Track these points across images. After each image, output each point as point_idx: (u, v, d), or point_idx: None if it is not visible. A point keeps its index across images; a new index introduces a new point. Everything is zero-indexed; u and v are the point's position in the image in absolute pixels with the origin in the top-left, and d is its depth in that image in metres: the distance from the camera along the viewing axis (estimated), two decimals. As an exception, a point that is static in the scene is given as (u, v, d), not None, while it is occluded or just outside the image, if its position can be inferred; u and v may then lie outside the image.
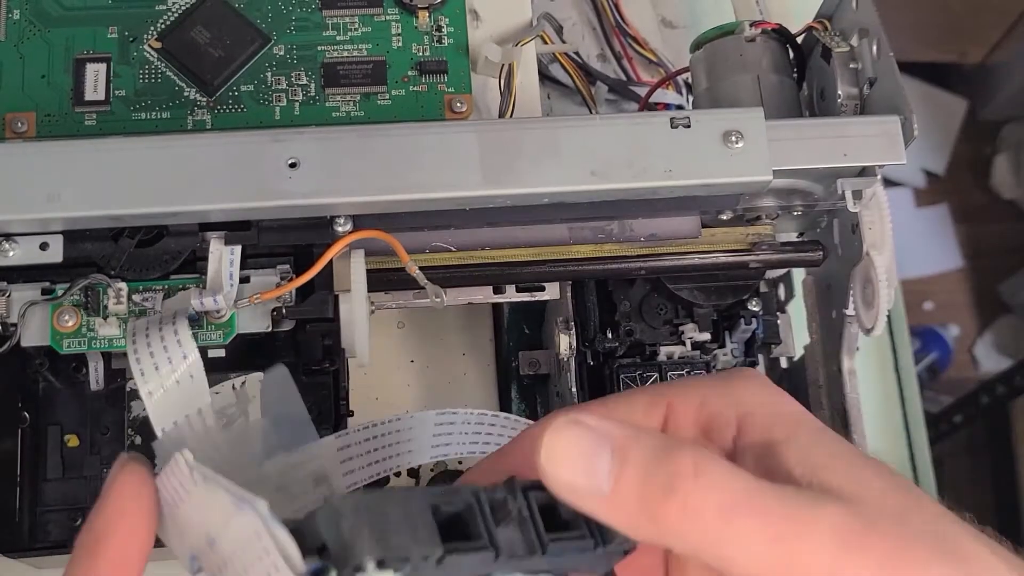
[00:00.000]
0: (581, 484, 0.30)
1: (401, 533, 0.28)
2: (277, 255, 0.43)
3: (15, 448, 0.48)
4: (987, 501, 1.42)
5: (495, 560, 0.30)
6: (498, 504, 0.31)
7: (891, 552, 0.29)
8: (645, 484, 0.29)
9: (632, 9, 0.66)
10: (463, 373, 0.58)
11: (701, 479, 0.29)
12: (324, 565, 0.28)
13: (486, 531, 0.30)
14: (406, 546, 0.28)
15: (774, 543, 0.28)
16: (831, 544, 0.28)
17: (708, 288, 0.51)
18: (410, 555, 0.28)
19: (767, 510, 0.29)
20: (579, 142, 0.42)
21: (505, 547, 0.31)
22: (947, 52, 1.68)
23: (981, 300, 1.70)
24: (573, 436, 0.30)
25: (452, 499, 0.31)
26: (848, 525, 0.29)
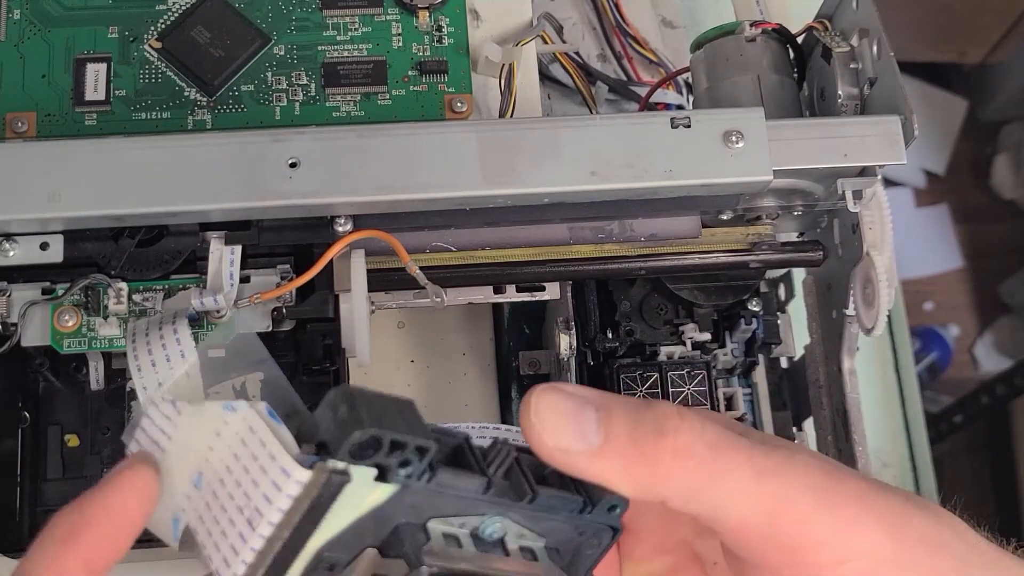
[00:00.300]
0: (570, 442, 0.30)
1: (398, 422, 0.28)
2: (277, 255, 0.43)
3: (15, 448, 0.48)
4: (987, 501, 1.42)
5: (486, 491, 0.31)
6: (487, 451, 0.31)
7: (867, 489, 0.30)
8: (635, 430, 0.30)
9: (632, 9, 0.65)
10: (463, 373, 0.58)
11: (686, 421, 0.30)
12: (321, 457, 0.28)
13: (478, 465, 0.31)
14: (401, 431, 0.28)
15: (758, 479, 0.30)
16: (810, 480, 0.30)
17: (708, 288, 0.51)
18: (407, 441, 0.28)
19: (750, 447, 0.30)
20: (579, 142, 0.42)
21: (496, 486, 0.31)
22: (947, 52, 1.68)
23: (981, 300, 1.70)
24: (556, 398, 0.31)
25: (444, 439, 0.31)
26: (824, 466, 0.30)
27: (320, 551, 0.29)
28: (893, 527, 0.30)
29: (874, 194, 0.44)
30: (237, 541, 0.28)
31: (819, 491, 0.30)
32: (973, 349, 1.68)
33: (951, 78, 1.77)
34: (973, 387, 1.46)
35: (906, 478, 0.72)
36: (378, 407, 0.28)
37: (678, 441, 0.30)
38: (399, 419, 0.29)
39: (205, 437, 0.30)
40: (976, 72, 1.73)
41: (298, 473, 0.28)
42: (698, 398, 0.50)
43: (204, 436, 0.30)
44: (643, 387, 0.50)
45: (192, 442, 0.31)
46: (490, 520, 0.31)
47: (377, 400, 0.29)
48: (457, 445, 0.31)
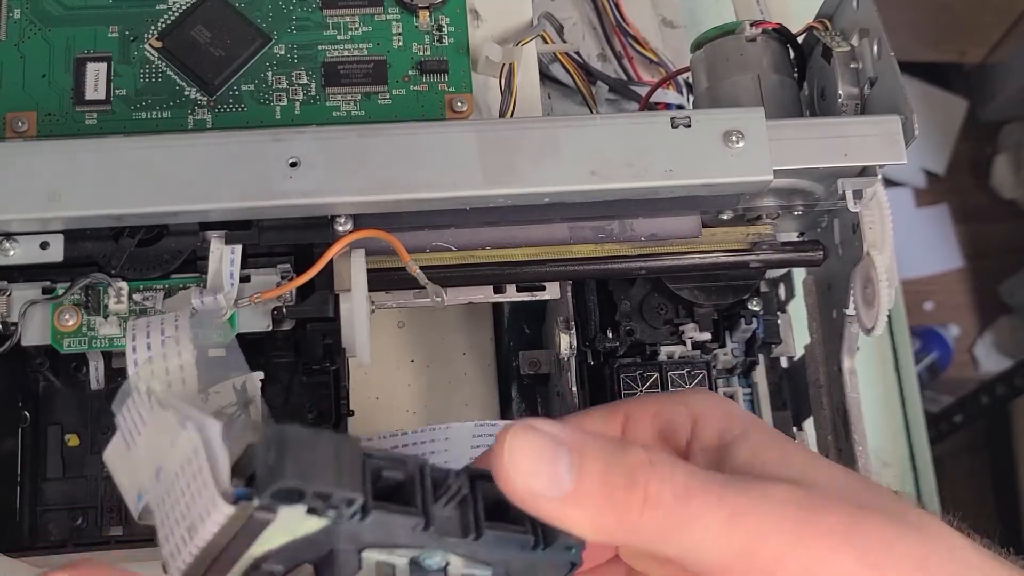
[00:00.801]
0: (542, 486, 0.30)
1: (327, 471, 0.29)
2: (277, 254, 0.43)
3: (15, 447, 0.48)
4: (987, 501, 1.42)
5: (424, 530, 0.31)
6: (440, 480, 0.31)
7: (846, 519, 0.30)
8: (607, 478, 0.30)
9: (632, 9, 0.65)
10: (463, 373, 0.58)
11: (656, 469, 0.30)
12: (249, 491, 0.29)
13: (421, 501, 0.31)
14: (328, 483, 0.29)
15: (731, 521, 0.29)
16: (786, 517, 0.30)
17: (708, 288, 0.51)
18: (332, 492, 0.29)
19: (721, 491, 0.30)
20: (579, 142, 0.42)
21: (438, 521, 0.31)
22: (947, 52, 1.68)
23: (981, 300, 1.70)
24: (531, 439, 0.30)
25: (396, 466, 0.31)
26: (800, 500, 0.30)
27: (257, 560, 0.30)
28: (872, 558, 0.29)
29: (874, 194, 0.44)
30: (180, 543, 0.30)
31: (795, 527, 0.29)
32: (973, 349, 1.68)
33: (951, 78, 1.77)
34: (973, 387, 1.46)
35: (906, 478, 0.72)
36: (309, 453, 0.29)
37: (648, 491, 0.30)
38: (331, 468, 0.29)
39: (164, 438, 0.31)
40: (976, 72, 1.73)
41: (223, 507, 0.29)
42: (698, 398, 0.50)
43: (164, 437, 0.32)
44: (643, 386, 0.50)
45: (156, 439, 0.32)
46: (429, 552, 0.31)
47: (312, 445, 0.29)
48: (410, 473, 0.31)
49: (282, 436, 0.29)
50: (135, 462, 0.33)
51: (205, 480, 0.29)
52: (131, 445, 0.33)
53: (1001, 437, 1.42)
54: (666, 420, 0.36)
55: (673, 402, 0.36)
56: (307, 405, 0.49)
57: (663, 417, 0.36)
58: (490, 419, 0.57)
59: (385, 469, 0.31)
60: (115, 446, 0.34)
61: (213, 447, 0.30)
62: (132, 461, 0.33)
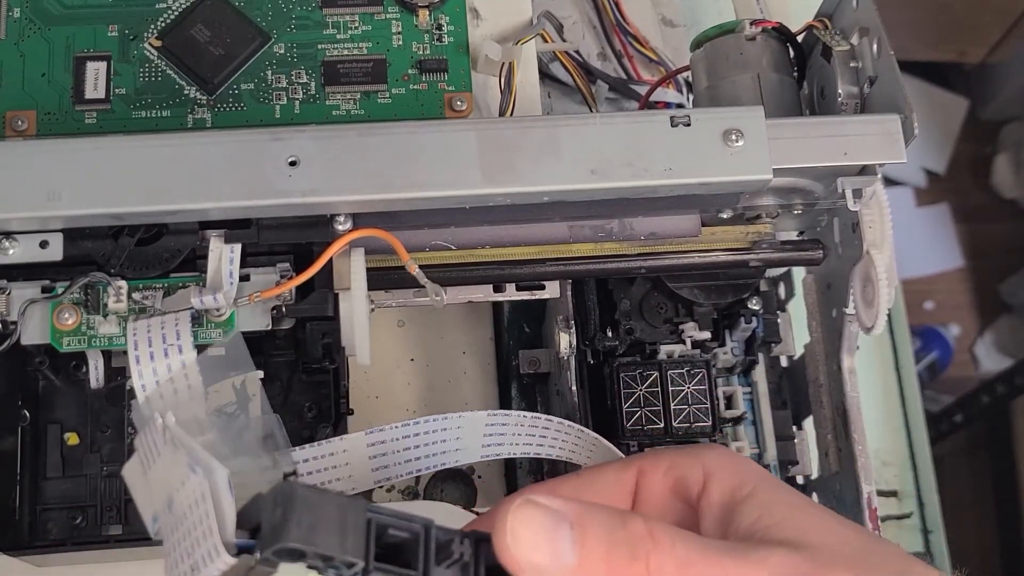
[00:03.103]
0: (544, 561, 0.30)
1: (330, 534, 0.29)
2: (277, 253, 0.43)
3: (15, 446, 0.48)
4: (987, 501, 1.42)
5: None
6: (444, 544, 0.31)
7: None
8: (610, 552, 0.31)
9: (632, 8, 0.65)
10: (463, 372, 0.58)
11: (657, 542, 0.31)
12: (252, 543, 0.30)
13: (423, 564, 0.31)
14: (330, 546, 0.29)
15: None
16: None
17: (708, 287, 0.51)
18: (333, 555, 0.29)
19: (720, 562, 0.31)
20: (579, 141, 0.42)
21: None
22: (947, 51, 1.68)
23: (981, 299, 1.70)
24: (532, 514, 0.31)
25: (401, 525, 0.31)
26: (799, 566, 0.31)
27: None
28: None
29: (874, 193, 0.44)
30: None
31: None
32: (973, 348, 1.67)
33: (951, 77, 1.77)
34: (973, 386, 1.46)
35: (906, 477, 0.72)
36: (314, 515, 0.29)
37: (650, 565, 0.30)
38: (334, 531, 0.29)
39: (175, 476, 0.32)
40: (976, 71, 1.73)
41: (224, 557, 0.30)
42: (698, 397, 0.50)
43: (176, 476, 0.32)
44: (643, 386, 0.50)
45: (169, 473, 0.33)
46: None
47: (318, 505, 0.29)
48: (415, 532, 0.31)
49: (289, 494, 0.29)
50: (151, 486, 0.33)
51: (210, 527, 0.30)
52: (147, 470, 0.34)
53: (1001, 437, 1.41)
54: (679, 475, 0.36)
55: (686, 457, 0.37)
56: (307, 404, 0.49)
57: (676, 472, 0.37)
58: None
59: (391, 527, 0.31)
60: (133, 465, 0.35)
61: (220, 496, 0.31)
62: (148, 484, 0.34)
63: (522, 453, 0.41)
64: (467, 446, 0.39)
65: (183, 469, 0.32)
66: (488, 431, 0.40)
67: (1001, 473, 1.41)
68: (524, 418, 0.40)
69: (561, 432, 0.41)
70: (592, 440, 0.41)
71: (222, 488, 0.31)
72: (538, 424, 0.40)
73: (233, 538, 0.30)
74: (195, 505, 0.31)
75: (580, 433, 0.41)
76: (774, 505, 0.34)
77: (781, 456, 0.53)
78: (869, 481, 0.46)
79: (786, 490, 0.35)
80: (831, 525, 0.33)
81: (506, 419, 0.40)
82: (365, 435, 0.37)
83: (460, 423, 0.38)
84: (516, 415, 0.40)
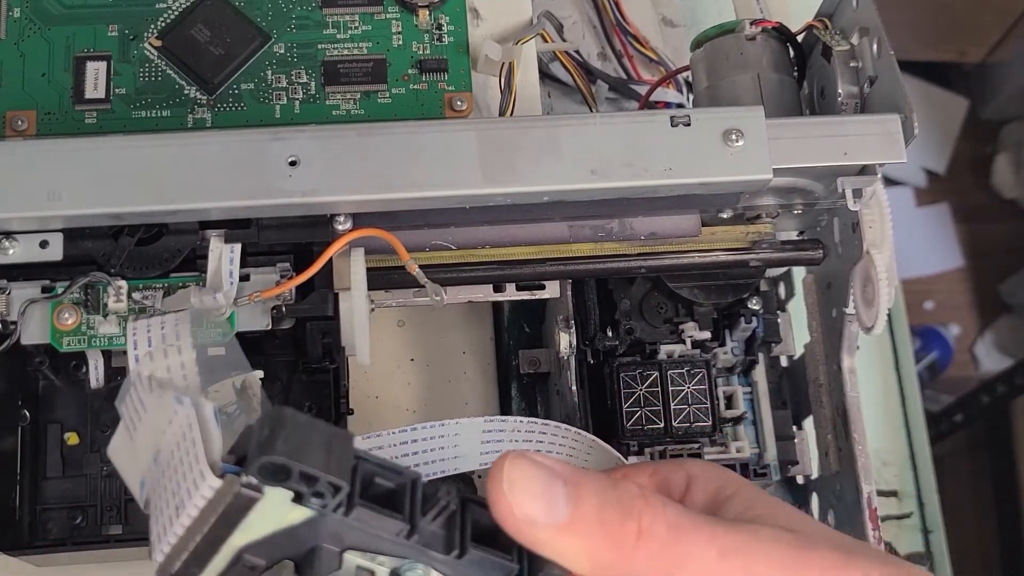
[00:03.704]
0: (538, 513, 0.30)
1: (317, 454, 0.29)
2: (277, 253, 0.43)
3: (15, 446, 0.48)
4: (987, 501, 1.42)
5: (408, 537, 0.31)
6: (431, 496, 0.32)
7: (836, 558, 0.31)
8: (602, 509, 0.31)
9: (632, 7, 0.66)
10: (463, 372, 0.58)
11: (650, 503, 0.31)
12: (238, 469, 0.29)
13: (409, 510, 0.31)
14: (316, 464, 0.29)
15: (721, 557, 0.30)
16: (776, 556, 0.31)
17: (708, 286, 0.51)
18: (319, 475, 0.29)
19: (711, 529, 0.31)
20: (579, 140, 0.42)
21: (424, 535, 0.31)
22: (947, 51, 1.68)
23: (981, 299, 1.70)
24: (528, 467, 0.31)
25: (388, 475, 0.31)
26: (789, 540, 0.31)
27: (240, 551, 0.30)
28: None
29: (874, 193, 0.44)
30: (167, 523, 0.30)
31: (786, 565, 0.30)
32: (973, 348, 1.68)
33: (951, 77, 1.77)
34: (973, 386, 1.46)
35: (906, 477, 0.72)
36: (302, 437, 0.29)
37: (642, 523, 0.30)
38: (321, 453, 0.29)
39: (162, 420, 0.32)
40: (977, 71, 1.73)
41: (210, 479, 0.29)
42: (698, 397, 0.50)
43: (162, 419, 0.32)
44: (643, 385, 0.50)
45: (155, 421, 0.33)
46: (411, 564, 0.32)
47: (306, 430, 0.29)
48: (402, 483, 0.31)
49: (278, 417, 0.29)
50: (136, 450, 0.33)
51: (197, 454, 0.30)
52: (132, 434, 0.34)
53: (1001, 437, 1.41)
54: (663, 478, 0.37)
55: (669, 465, 0.38)
56: (307, 404, 0.49)
57: (660, 475, 0.37)
58: (490, 418, 0.58)
59: (377, 476, 0.31)
60: (118, 439, 0.35)
61: (207, 421, 0.31)
62: (134, 450, 0.33)
63: None
64: (465, 453, 0.39)
65: (169, 408, 0.32)
66: (486, 437, 0.40)
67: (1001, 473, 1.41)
68: (521, 423, 0.40)
69: (559, 435, 0.41)
70: (589, 442, 0.41)
71: (208, 417, 0.31)
72: (535, 428, 0.40)
73: (219, 460, 0.30)
74: (182, 439, 0.31)
75: (578, 436, 0.41)
76: (758, 503, 0.34)
77: (781, 456, 0.53)
78: (869, 481, 0.46)
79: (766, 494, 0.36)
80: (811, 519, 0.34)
81: (503, 425, 0.39)
82: (362, 439, 0.37)
83: (457, 430, 0.38)
84: (513, 420, 0.40)
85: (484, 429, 0.39)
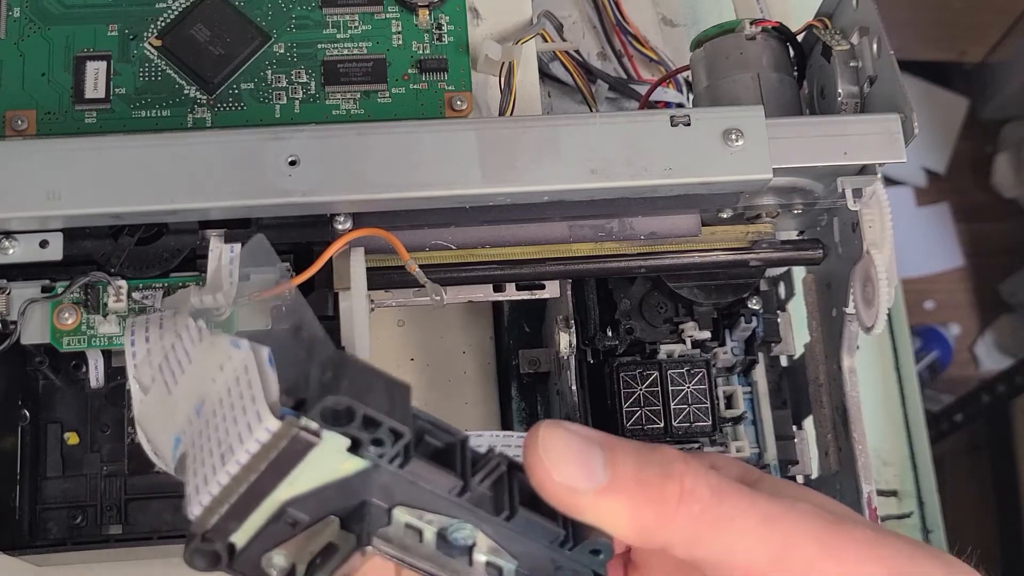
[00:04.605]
0: (577, 478, 0.30)
1: (380, 401, 0.28)
2: (277, 253, 0.43)
3: (15, 446, 0.48)
4: (987, 501, 1.42)
5: (460, 495, 0.30)
6: (480, 457, 0.31)
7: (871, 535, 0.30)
8: (641, 471, 0.30)
9: (632, 7, 0.66)
10: (463, 371, 0.58)
11: (691, 466, 0.30)
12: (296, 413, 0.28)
13: (461, 467, 0.30)
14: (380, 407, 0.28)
15: (765, 523, 0.30)
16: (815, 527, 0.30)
17: (708, 286, 0.51)
18: (382, 420, 0.28)
19: (752, 496, 0.30)
20: (579, 140, 0.42)
21: (474, 492, 0.31)
22: (947, 51, 1.68)
23: (982, 299, 1.70)
24: (562, 434, 0.30)
25: (439, 434, 0.31)
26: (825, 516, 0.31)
27: (284, 505, 0.29)
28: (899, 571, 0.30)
29: (874, 192, 0.44)
30: (209, 473, 0.29)
31: (824, 536, 0.30)
32: (974, 348, 1.67)
33: (952, 77, 1.77)
34: (974, 386, 1.46)
35: (906, 477, 0.72)
36: (365, 382, 0.28)
37: (684, 484, 0.30)
38: (384, 398, 0.28)
39: (212, 367, 0.31)
40: (977, 71, 1.73)
41: (268, 421, 0.28)
42: (698, 396, 0.50)
43: (212, 366, 0.31)
44: (643, 385, 0.50)
45: (203, 369, 0.32)
46: (460, 524, 0.31)
47: (368, 375, 0.29)
48: (451, 443, 0.31)
49: (341, 360, 0.28)
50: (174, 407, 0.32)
51: (254, 395, 0.29)
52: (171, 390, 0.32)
53: (1002, 436, 1.41)
54: None
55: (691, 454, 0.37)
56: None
57: None
58: (491, 418, 0.58)
59: (428, 434, 0.30)
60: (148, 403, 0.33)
61: (264, 363, 0.29)
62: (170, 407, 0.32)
63: None
64: None
65: (224, 351, 0.30)
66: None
67: (1001, 473, 1.41)
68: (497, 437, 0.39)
69: None
70: None
71: (264, 360, 0.30)
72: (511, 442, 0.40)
73: (278, 401, 0.29)
74: (236, 383, 0.29)
75: None
76: (786, 487, 0.34)
77: (781, 456, 0.53)
78: (869, 481, 0.46)
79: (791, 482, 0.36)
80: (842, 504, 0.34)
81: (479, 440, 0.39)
82: None
83: None
84: (489, 435, 0.39)
85: None
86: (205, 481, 0.29)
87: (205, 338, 0.32)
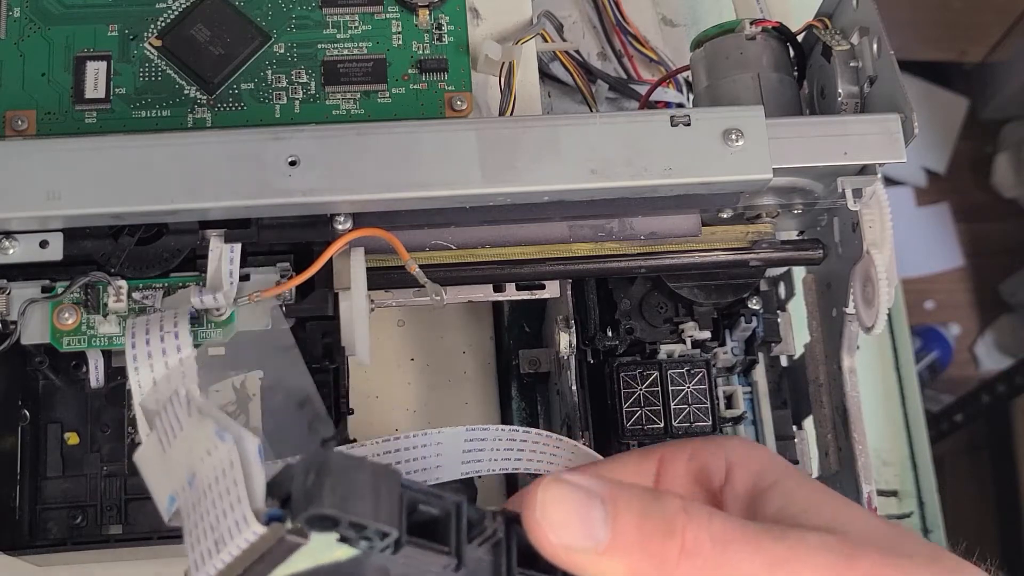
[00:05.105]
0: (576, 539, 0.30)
1: (365, 501, 0.28)
2: (277, 253, 0.43)
3: (15, 446, 0.48)
4: (987, 500, 1.42)
5: (455, 571, 0.30)
6: (476, 521, 0.31)
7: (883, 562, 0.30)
8: (643, 527, 0.30)
9: (632, 7, 0.66)
10: (463, 371, 0.58)
11: (693, 517, 0.30)
12: (282, 513, 0.28)
13: (456, 540, 0.30)
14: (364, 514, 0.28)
15: (770, 570, 0.30)
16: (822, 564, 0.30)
17: (708, 286, 0.51)
18: (367, 523, 0.28)
19: (757, 540, 0.30)
20: (579, 140, 0.42)
21: (471, 563, 0.30)
22: (948, 51, 1.68)
23: (982, 299, 1.70)
24: (562, 491, 0.30)
25: (433, 501, 0.30)
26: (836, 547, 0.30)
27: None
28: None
29: (874, 192, 0.44)
30: (205, 554, 0.29)
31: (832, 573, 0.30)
32: (974, 348, 1.68)
33: (952, 77, 1.77)
34: (974, 386, 1.46)
35: (906, 477, 0.72)
36: (348, 483, 0.28)
37: (686, 539, 0.30)
38: (369, 499, 0.28)
39: (200, 449, 0.31)
40: (977, 71, 1.73)
41: (254, 526, 0.28)
42: (698, 396, 0.50)
43: (200, 447, 0.31)
44: (643, 385, 0.50)
45: (192, 445, 0.32)
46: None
47: (352, 473, 0.28)
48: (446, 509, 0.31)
49: (323, 461, 0.28)
50: (169, 464, 0.32)
51: (239, 496, 0.29)
52: (166, 447, 0.33)
53: (1002, 436, 1.41)
54: (701, 464, 0.36)
55: (709, 447, 0.36)
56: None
57: (698, 461, 0.36)
58: (490, 418, 0.58)
59: (421, 503, 0.30)
60: (148, 448, 0.34)
61: (250, 462, 0.29)
62: (166, 463, 0.32)
63: (500, 469, 0.40)
64: (447, 463, 0.39)
65: (210, 438, 0.30)
66: (467, 447, 0.39)
67: (1001, 473, 1.41)
68: (502, 431, 0.39)
69: (540, 443, 0.41)
70: (571, 448, 0.41)
71: (252, 456, 0.30)
72: (516, 438, 0.39)
73: (264, 506, 0.29)
74: (222, 475, 0.30)
75: (559, 442, 0.40)
76: (799, 493, 0.34)
77: (781, 455, 0.53)
78: (869, 481, 0.46)
79: (809, 479, 0.35)
80: (857, 513, 0.33)
81: (484, 434, 0.39)
82: (344, 451, 0.37)
83: (439, 439, 0.38)
84: (495, 429, 0.39)
85: (466, 438, 0.39)
86: (203, 560, 0.30)
87: (194, 415, 0.32)
